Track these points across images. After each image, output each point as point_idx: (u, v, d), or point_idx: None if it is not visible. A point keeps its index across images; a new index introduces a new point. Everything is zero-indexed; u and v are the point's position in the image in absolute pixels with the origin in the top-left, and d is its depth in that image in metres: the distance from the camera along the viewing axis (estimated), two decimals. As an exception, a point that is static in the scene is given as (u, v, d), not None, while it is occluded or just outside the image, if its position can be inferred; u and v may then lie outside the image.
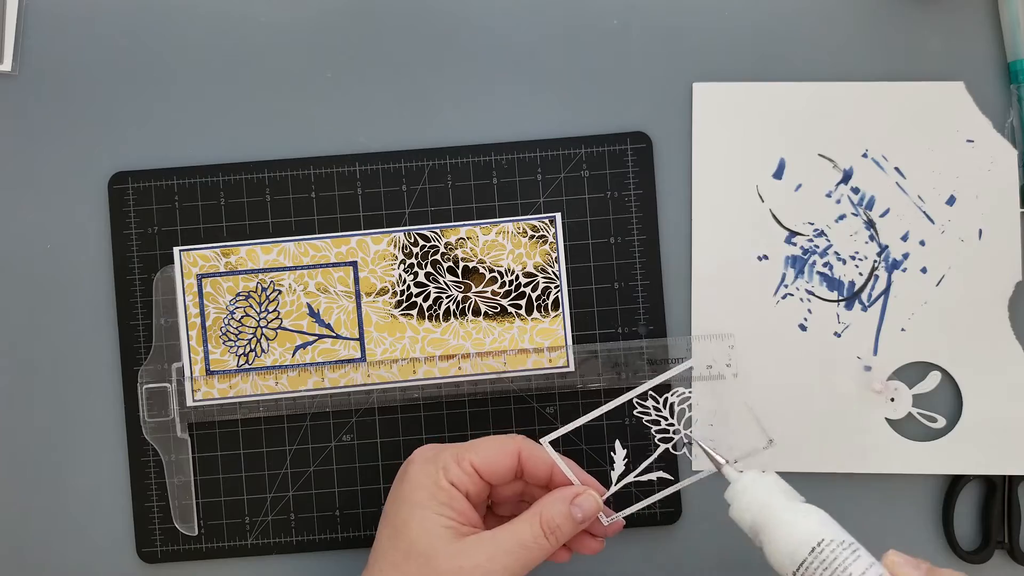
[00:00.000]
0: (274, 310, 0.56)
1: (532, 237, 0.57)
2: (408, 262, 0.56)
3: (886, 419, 0.56)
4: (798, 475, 0.56)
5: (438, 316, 0.56)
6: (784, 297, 0.56)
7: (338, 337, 0.56)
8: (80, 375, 0.57)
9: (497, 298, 0.56)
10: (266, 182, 0.57)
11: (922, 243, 0.56)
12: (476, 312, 0.56)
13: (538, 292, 0.56)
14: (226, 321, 0.56)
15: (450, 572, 0.45)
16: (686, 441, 0.50)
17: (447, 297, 0.56)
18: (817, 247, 0.57)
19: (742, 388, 0.56)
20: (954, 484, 0.56)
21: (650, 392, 0.49)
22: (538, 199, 0.57)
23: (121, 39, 0.58)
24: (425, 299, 0.56)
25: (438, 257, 0.57)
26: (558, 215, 0.57)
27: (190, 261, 0.56)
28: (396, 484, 0.48)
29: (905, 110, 0.57)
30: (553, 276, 0.57)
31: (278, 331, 0.56)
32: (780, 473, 0.56)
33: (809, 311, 0.57)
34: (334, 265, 0.56)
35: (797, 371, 0.56)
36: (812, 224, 0.57)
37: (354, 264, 0.56)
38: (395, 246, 0.57)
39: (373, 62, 0.57)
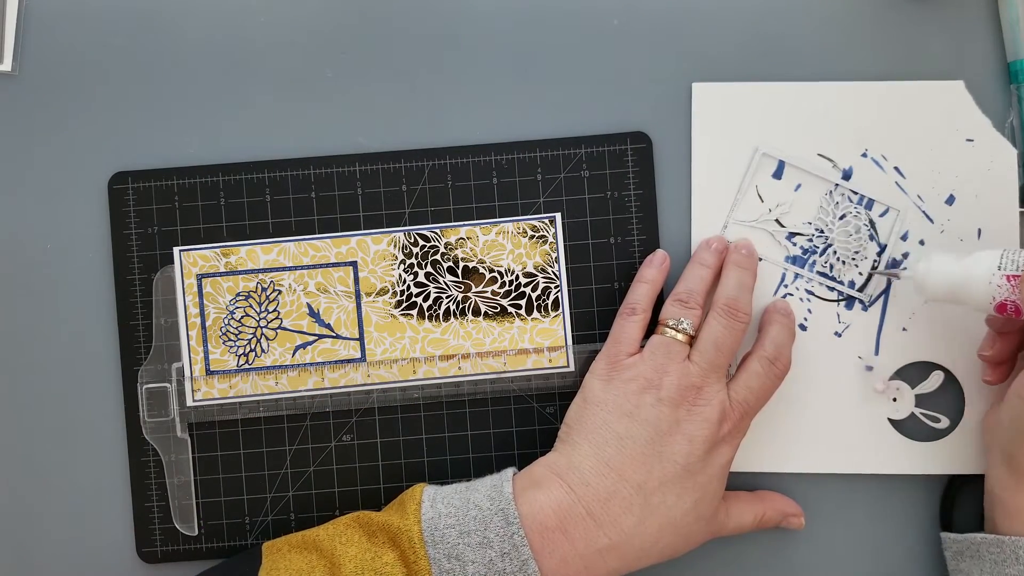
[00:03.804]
0: (274, 310, 0.56)
1: (532, 237, 0.57)
2: (408, 262, 0.56)
3: (888, 419, 0.56)
4: (799, 475, 0.56)
5: (438, 316, 0.56)
6: (784, 297, 0.56)
7: (338, 337, 0.56)
8: (80, 375, 0.57)
9: (497, 298, 0.56)
10: (266, 182, 0.57)
11: (922, 243, 0.56)
12: (476, 312, 0.56)
13: (538, 292, 0.56)
14: (226, 321, 0.56)
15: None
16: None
17: (447, 297, 0.56)
18: (817, 247, 0.57)
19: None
20: (956, 484, 0.56)
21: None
22: (538, 199, 0.57)
23: (121, 39, 0.58)
24: (425, 299, 0.56)
25: (438, 257, 0.56)
26: (558, 215, 0.57)
27: (190, 261, 0.56)
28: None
29: (905, 110, 0.56)
30: (553, 276, 0.57)
31: (278, 331, 0.56)
32: (780, 473, 0.56)
33: (809, 311, 0.57)
34: (334, 265, 0.56)
35: (798, 371, 0.55)
36: (812, 224, 0.57)
37: (354, 264, 0.56)
38: (395, 246, 0.57)
39: (373, 62, 0.57)
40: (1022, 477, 0.50)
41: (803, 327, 0.56)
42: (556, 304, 0.56)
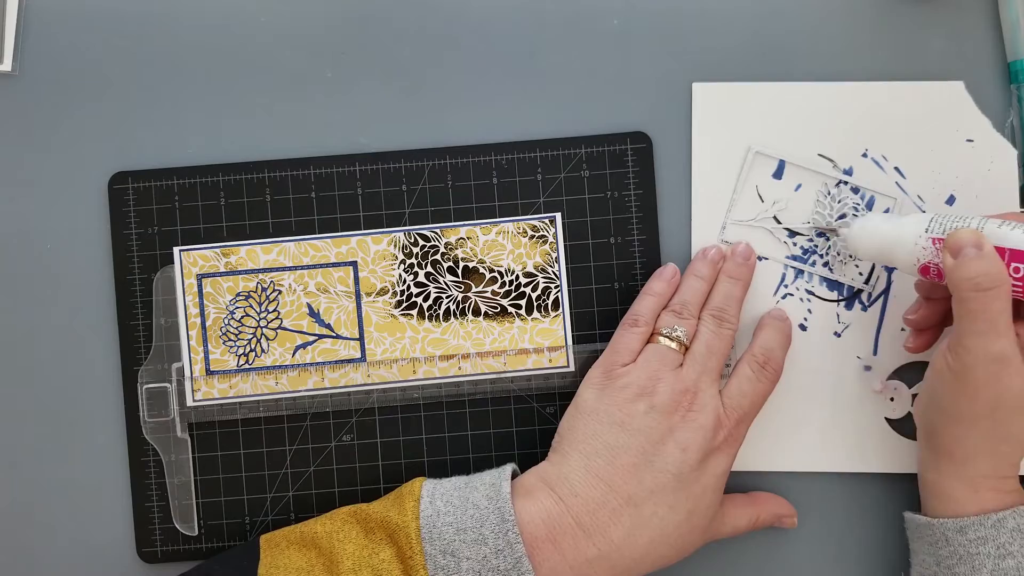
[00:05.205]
0: (274, 310, 0.56)
1: (532, 237, 0.57)
2: (408, 262, 0.57)
3: (886, 419, 0.56)
4: (798, 475, 0.57)
5: (438, 316, 0.56)
6: (784, 297, 0.57)
7: (338, 337, 0.56)
8: (80, 375, 0.57)
9: (497, 298, 0.56)
10: (266, 182, 0.57)
11: (922, 243, 0.56)
12: (476, 312, 0.56)
13: (538, 292, 0.57)
14: (226, 321, 0.56)
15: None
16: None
17: (447, 297, 0.56)
18: (817, 247, 0.57)
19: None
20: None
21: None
22: (538, 199, 0.57)
23: (121, 39, 0.58)
24: (425, 299, 0.56)
25: (438, 257, 0.57)
26: (558, 215, 0.57)
27: (190, 261, 0.56)
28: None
29: (905, 110, 0.57)
30: (553, 276, 0.57)
31: (278, 331, 0.56)
32: (778, 472, 0.56)
33: (809, 311, 0.57)
34: (334, 265, 0.56)
35: (797, 371, 0.56)
36: (812, 224, 0.57)
37: (354, 264, 0.56)
38: (395, 246, 0.57)
39: (373, 62, 0.57)
40: (941, 456, 0.50)
41: (803, 327, 0.56)
42: (556, 304, 0.56)
